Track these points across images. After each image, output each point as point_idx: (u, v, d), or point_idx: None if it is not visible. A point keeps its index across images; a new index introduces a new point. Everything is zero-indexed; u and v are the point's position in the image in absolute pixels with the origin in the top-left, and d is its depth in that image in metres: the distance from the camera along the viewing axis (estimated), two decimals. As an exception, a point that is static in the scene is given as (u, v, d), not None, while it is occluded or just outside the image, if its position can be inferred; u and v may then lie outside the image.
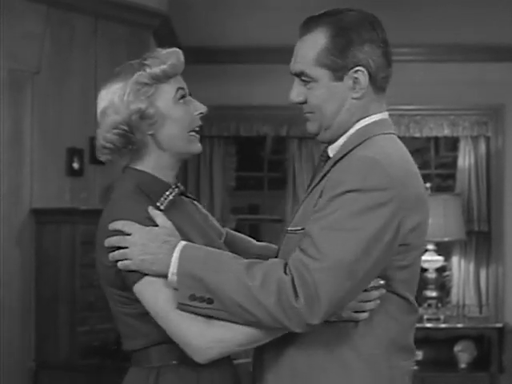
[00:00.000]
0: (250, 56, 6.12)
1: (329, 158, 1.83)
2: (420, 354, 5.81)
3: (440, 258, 5.97)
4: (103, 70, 4.72)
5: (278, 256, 1.83)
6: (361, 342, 1.72)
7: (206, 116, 1.90)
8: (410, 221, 1.69)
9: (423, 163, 6.39)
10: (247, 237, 2.15)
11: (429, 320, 5.82)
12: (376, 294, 1.71)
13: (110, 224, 1.73)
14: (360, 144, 1.75)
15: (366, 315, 1.71)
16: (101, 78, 1.66)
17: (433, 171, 6.54)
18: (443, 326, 5.83)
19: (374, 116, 1.80)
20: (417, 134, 6.21)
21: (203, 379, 1.79)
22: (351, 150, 1.74)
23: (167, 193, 1.84)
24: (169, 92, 1.83)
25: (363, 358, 1.72)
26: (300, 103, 1.81)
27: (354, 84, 1.77)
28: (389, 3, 5.75)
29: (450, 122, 6.18)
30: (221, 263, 1.67)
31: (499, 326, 5.83)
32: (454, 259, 6.24)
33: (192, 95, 1.90)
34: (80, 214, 4.41)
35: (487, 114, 6.16)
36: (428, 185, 5.87)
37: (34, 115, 4.58)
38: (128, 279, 1.73)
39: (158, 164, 1.85)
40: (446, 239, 5.91)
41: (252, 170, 6.89)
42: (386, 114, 1.83)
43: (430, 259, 5.87)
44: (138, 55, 1.88)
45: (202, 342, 1.66)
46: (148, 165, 1.85)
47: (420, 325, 5.65)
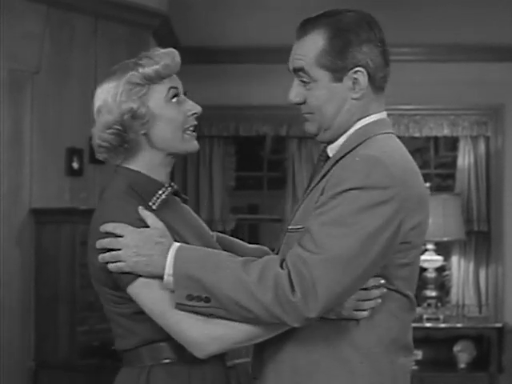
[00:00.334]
0: (250, 56, 6.11)
1: (328, 157, 1.83)
2: (419, 354, 5.80)
3: (439, 257, 5.96)
4: (103, 70, 4.71)
5: (277, 254, 1.82)
6: (362, 340, 1.73)
7: (205, 116, 1.89)
8: (411, 219, 1.69)
9: (423, 163, 6.38)
10: (238, 239, 2.14)
11: (428, 320, 5.82)
12: (376, 292, 1.71)
13: (101, 226, 1.73)
14: (361, 143, 1.75)
15: (366, 314, 1.71)
16: (101, 78, 1.67)
17: (432, 171, 6.53)
18: (443, 325, 5.83)
19: (373, 116, 1.81)
20: (416, 134, 6.21)
21: (194, 377, 1.79)
22: (352, 150, 1.74)
23: (160, 192, 1.84)
24: (161, 92, 1.83)
25: (364, 355, 1.72)
26: (298, 104, 1.81)
27: (354, 84, 1.77)
28: (389, 3, 5.75)
29: (450, 121, 6.17)
30: (217, 262, 1.67)
31: (499, 325, 5.83)
32: (454, 259, 6.24)
33: (191, 95, 1.89)
34: (80, 214, 4.40)
35: (487, 114, 6.16)
36: (427, 184, 5.84)
37: (33, 115, 4.58)
38: (121, 281, 1.72)
39: (151, 163, 1.85)
40: (446, 239, 5.90)
41: (251, 170, 6.89)
42: (384, 114, 1.83)
43: (430, 259, 5.87)
44: (138, 55, 1.88)
45: (202, 338, 1.67)
46: (141, 164, 1.84)
47: (419, 324, 5.65)
